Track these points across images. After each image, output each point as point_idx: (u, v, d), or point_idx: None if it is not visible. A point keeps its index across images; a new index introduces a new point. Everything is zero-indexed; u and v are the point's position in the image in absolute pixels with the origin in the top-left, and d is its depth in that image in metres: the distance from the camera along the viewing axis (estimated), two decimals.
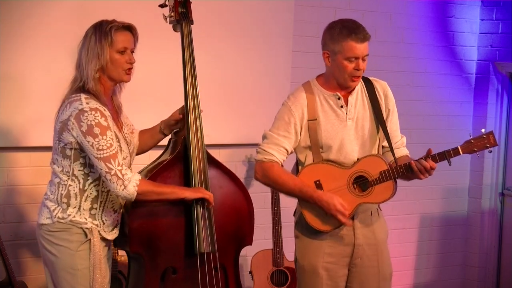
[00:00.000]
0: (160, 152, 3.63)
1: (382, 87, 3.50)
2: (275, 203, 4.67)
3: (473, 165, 5.80)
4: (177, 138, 3.53)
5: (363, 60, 3.33)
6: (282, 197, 4.74)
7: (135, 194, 3.15)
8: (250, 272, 4.71)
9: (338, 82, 3.39)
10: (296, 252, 3.55)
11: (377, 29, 5.23)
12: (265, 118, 4.89)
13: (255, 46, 4.84)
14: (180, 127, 3.54)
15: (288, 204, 4.97)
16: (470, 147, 3.36)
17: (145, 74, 4.41)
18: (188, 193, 3.32)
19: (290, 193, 3.43)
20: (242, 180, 4.87)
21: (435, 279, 5.83)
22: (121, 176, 3.11)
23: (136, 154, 3.49)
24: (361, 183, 3.39)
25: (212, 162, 3.52)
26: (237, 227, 3.55)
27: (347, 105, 3.41)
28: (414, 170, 3.33)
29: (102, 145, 3.08)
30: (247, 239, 3.60)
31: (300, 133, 3.42)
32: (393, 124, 3.52)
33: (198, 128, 3.46)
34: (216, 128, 4.63)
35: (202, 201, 3.37)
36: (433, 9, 5.56)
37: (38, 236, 3.23)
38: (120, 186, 3.11)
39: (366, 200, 3.39)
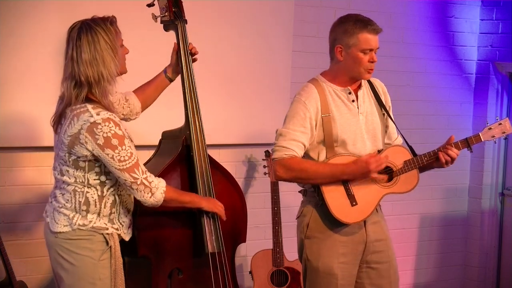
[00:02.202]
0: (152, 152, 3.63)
1: (380, 85, 3.57)
2: (275, 203, 4.67)
3: (473, 165, 5.80)
4: (178, 138, 3.52)
5: (375, 53, 3.39)
6: (282, 197, 4.74)
7: (162, 200, 3.10)
8: (250, 272, 4.71)
9: (351, 75, 3.41)
10: (306, 253, 3.47)
11: None
12: (265, 118, 4.90)
13: (255, 46, 4.84)
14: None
15: (288, 204, 4.98)
16: (489, 133, 3.45)
17: (141, 75, 4.41)
18: (204, 204, 3.32)
19: (319, 177, 3.35)
20: (242, 180, 4.89)
21: (435, 279, 5.83)
22: (148, 184, 3.05)
23: (143, 110, 3.49)
24: (385, 173, 3.39)
25: (210, 160, 3.51)
26: (233, 224, 3.56)
27: (357, 100, 3.44)
28: (442, 160, 3.39)
29: (123, 156, 2.99)
30: (242, 237, 3.62)
31: (315, 128, 3.39)
32: (390, 121, 3.56)
33: (199, 128, 3.45)
34: (216, 128, 4.63)
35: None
36: (433, 9, 5.56)
37: (53, 244, 3.11)
38: (148, 193, 3.06)
39: (392, 190, 3.41)
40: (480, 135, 3.44)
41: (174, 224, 3.37)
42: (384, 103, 3.52)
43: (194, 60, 3.53)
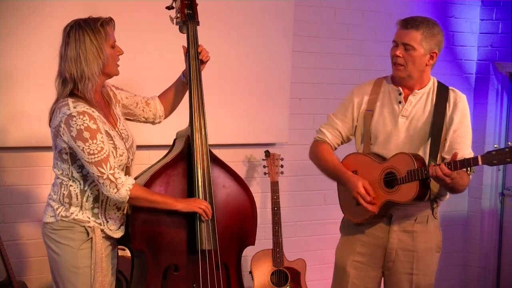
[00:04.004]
0: (164, 152, 3.63)
1: (455, 96, 3.43)
2: (275, 203, 4.67)
3: None
4: (181, 137, 3.53)
5: (406, 49, 3.32)
6: (282, 197, 4.74)
7: (127, 197, 3.16)
8: (250, 272, 4.71)
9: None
10: (337, 245, 3.61)
11: (377, 29, 5.24)
12: (265, 118, 4.90)
13: (255, 46, 4.84)
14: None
15: (288, 204, 4.98)
16: (489, 158, 3.15)
17: (150, 74, 4.40)
18: (180, 206, 3.31)
19: (326, 172, 3.49)
20: None
21: (435, 279, 5.81)
22: (113, 180, 3.11)
23: (169, 114, 3.56)
24: (391, 179, 3.34)
25: (216, 161, 3.52)
26: (240, 226, 3.55)
27: (405, 102, 3.41)
28: (430, 175, 3.20)
29: (93, 150, 3.08)
30: (250, 239, 3.59)
31: (357, 120, 3.47)
32: (457, 136, 3.37)
33: (202, 128, 3.46)
34: (216, 128, 4.62)
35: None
36: (433, 9, 5.56)
37: (43, 235, 3.26)
38: (113, 189, 3.12)
39: (392, 197, 3.32)
40: (479, 158, 3.15)
41: (170, 220, 3.37)
42: (447, 115, 3.37)
43: (203, 62, 3.54)
